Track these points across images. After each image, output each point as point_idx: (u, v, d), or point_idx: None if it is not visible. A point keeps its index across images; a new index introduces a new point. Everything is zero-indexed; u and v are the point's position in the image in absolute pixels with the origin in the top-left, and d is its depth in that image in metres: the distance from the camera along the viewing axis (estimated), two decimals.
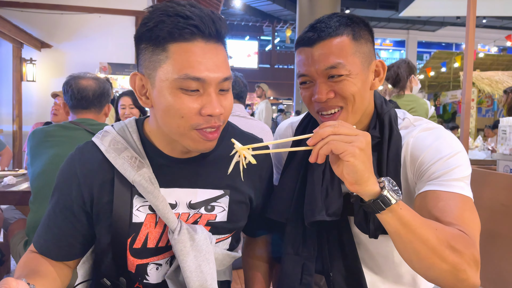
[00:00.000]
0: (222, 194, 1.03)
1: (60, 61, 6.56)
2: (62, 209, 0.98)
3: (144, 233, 0.98)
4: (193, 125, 0.87)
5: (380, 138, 1.03)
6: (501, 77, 9.04)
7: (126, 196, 0.96)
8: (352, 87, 0.98)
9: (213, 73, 0.85)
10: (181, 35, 0.83)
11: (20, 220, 2.43)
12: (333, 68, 0.96)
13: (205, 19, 0.84)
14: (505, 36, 10.53)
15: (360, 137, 0.78)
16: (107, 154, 0.96)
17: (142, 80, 0.91)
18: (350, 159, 0.76)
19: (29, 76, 6.20)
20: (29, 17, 6.35)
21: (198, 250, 0.95)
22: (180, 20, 0.82)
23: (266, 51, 24.51)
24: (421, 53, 24.39)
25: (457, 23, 20.60)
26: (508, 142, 2.57)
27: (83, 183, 0.96)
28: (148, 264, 1.01)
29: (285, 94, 22.28)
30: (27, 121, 6.34)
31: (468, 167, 0.96)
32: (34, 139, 1.84)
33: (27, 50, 6.24)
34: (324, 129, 0.78)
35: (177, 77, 0.83)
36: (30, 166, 1.84)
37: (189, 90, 0.84)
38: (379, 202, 0.80)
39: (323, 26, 0.98)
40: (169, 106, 0.86)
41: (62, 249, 1.00)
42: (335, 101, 0.99)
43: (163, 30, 0.83)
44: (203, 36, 0.84)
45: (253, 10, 21.92)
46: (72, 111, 1.98)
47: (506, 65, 11.78)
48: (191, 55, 0.83)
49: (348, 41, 0.98)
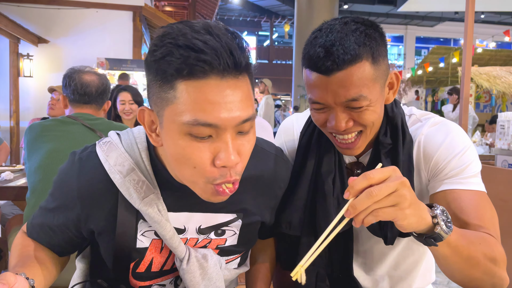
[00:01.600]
0: (235, 218, 0.95)
1: (57, 56, 6.53)
2: (58, 216, 0.92)
3: (149, 258, 0.92)
4: (208, 179, 0.75)
5: (392, 143, 0.98)
6: (499, 72, 9.04)
7: (131, 221, 0.87)
8: (373, 115, 0.92)
9: (229, 115, 0.70)
10: (190, 73, 0.68)
11: (17, 216, 2.42)
12: (354, 101, 0.88)
13: (220, 51, 0.68)
14: (503, 32, 10.52)
15: (401, 190, 0.69)
16: (111, 175, 0.85)
17: (151, 116, 0.79)
18: (403, 222, 0.72)
19: (26, 72, 6.18)
20: (26, 12, 6.32)
21: (208, 279, 0.91)
22: (191, 54, 0.68)
23: (264, 46, 24.48)
24: (419, 49, 24.38)
25: (455, 18, 20.57)
26: (506, 137, 2.57)
27: (81, 203, 0.88)
28: (151, 286, 0.97)
29: (283, 89, 22.26)
30: (24, 116, 6.32)
31: (479, 161, 0.97)
32: (31, 133, 1.83)
33: (24, 45, 6.22)
34: (360, 202, 0.69)
35: (186, 121, 0.70)
36: (27, 161, 1.83)
37: (200, 137, 0.71)
38: (432, 240, 0.77)
39: (341, 52, 0.85)
40: (178, 153, 0.74)
41: (55, 247, 0.97)
42: (354, 128, 0.93)
43: (171, 64, 0.69)
44: (218, 72, 0.69)
45: (251, 5, 21.85)
46: (72, 105, 1.97)
47: (504, 60, 11.78)
48: (202, 95, 0.69)
49: (368, 67, 0.87)
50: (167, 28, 0.72)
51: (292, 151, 1.14)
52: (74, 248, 1.01)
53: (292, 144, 1.16)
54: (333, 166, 1.03)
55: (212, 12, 13.30)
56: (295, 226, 1.03)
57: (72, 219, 0.90)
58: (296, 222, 1.03)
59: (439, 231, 0.76)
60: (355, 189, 0.70)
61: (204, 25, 0.71)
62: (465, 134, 0.99)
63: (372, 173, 0.70)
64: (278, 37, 26.59)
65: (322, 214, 0.99)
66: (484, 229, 0.88)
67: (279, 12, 22.75)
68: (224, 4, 20.66)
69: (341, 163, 1.04)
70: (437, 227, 0.76)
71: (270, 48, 23.65)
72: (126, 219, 0.87)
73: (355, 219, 0.71)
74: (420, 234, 0.78)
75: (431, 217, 0.76)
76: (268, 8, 22.26)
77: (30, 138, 1.83)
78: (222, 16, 23.26)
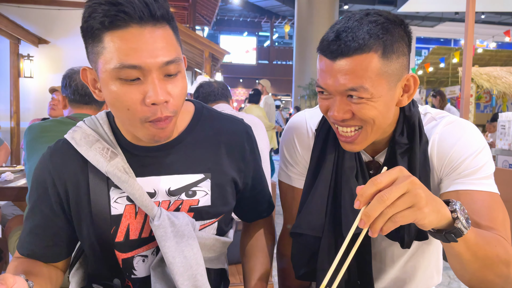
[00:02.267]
0: (203, 178, 0.99)
1: (57, 57, 6.53)
2: (42, 209, 0.96)
3: (125, 225, 0.95)
4: (141, 119, 0.83)
5: (409, 143, 0.96)
6: (500, 72, 9.04)
7: (103, 189, 0.93)
8: (372, 111, 0.88)
9: (151, 59, 0.79)
10: (112, 23, 0.78)
11: (18, 216, 2.42)
12: (353, 90, 0.86)
13: (136, 3, 0.78)
14: (504, 32, 10.52)
15: (413, 190, 0.68)
16: (78, 148, 0.92)
17: (92, 74, 0.89)
18: (425, 222, 0.70)
19: (27, 72, 6.18)
20: (26, 13, 6.32)
21: (179, 236, 0.92)
22: (111, 8, 0.77)
23: (264, 47, 24.48)
24: (420, 49, 24.38)
25: (456, 18, 20.57)
26: (507, 137, 2.57)
27: (57, 179, 0.94)
28: (133, 257, 0.98)
29: (283, 90, 22.27)
30: (25, 117, 6.32)
31: (493, 162, 0.96)
32: (30, 134, 1.83)
33: (24, 46, 6.21)
34: (372, 208, 0.67)
35: (114, 67, 0.79)
36: (26, 161, 1.83)
37: (129, 80, 0.80)
38: (452, 236, 0.75)
39: (350, 38, 0.84)
40: (113, 98, 0.83)
41: (48, 250, 0.97)
42: (352, 121, 0.91)
43: (95, 19, 0.79)
44: (137, 22, 0.79)
45: (251, 6, 21.86)
46: (71, 106, 1.96)
47: (504, 60, 11.78)
48: (125, 42, 0.78)
49: (376, 60, 0.84)
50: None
51: (305, 146, 1.11)
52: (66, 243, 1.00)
53: (305, 140, 1.12)
54: (355, 162, 1.00)
55: (213, 13, 13.31)
56: (316, 226, 1.00)
57: (52, 195, 0.95)
58: (317, 222, 1.00)
59: (460, 226, 0.74)
60: (365, 196, 0.68)
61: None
62: (480, 134, 0.98)
63: (378, 178, 0.68)
64: (278, 37, 26.61)
65: (349, 213, 0.96)
66: (495, 231, 0.87)
67: (279, 13, 22.76)
68: (224, 5, 20.67)
69: (361, 161, 1.01)
70: (457, 221, 0.74)
71: (270, 48, 23.65)
72: (97, 187, 0.93)
73: (371, 229, 0.68)
74: (439, 230, 0.76)
75: (450, 212, 0.75)
76: (268, 8, 22.27)
77: (30, 139, 1.82)
78: (222, 17, 23.27)
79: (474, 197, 0.91)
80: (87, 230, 0.94)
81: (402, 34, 0.88)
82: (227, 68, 20.23)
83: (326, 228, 1.00)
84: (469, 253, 0.79)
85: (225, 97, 2.45)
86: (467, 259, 0.81)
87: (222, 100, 2.42)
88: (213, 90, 2.41)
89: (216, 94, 2.41)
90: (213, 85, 2.45)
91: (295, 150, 1.13)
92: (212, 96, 2.40)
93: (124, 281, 1.01)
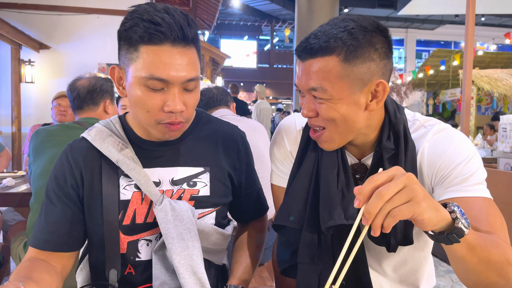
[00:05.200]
0: (203, 171, 1.12)
1: (58, 62, 6.55)
2: (59, 195, 1.06)
3: (132, 209, 1.06)
4: (157, 120, 0.97)
5: (395, 149, 0.97)
6: (500, 74, 9.04)
7: (113, 176, 1.05)
8: (331, 112, 0.92)
9: (176, 74, 0.93)
10: (150, 40, 0.91)
11: (20, 222, 2.42)
12: (314, 90, 0.92)
13: (173, 26, 0.91)
14: (504, 34, 10.52)
15: (410, 185, 0.70)
16: (93, 142, 1.06)
17: (120, 73, 1.02)
18: (424, 217, 0.70)
19: (28, 78, 6.19)
20: (27, 18, 6.34)
21: (179, 219, 1.02)
22: (151, 26, 0.91)
23: (265, 50, 24.52)
24: (420, 52, 24.40)
25: (456, 21, 20.59)
26: (508, 140, 2.56)
27: (75, 167, 1.06)
28: (138, 240, 1.07)
29: (284, 93, 22.30)
30: (26, 122, 6.33)
31: (484, 169, 0.97)
32: (37, 138, 1.84)
33: (25, 51, 6.23)
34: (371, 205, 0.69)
35: (144, 75, 0.92)
36: (32, 164, 1.83)
37: (155, 89, 0.94)
38: (454, 236, 0.75)
39: (316, 41, 0.90)
40: (137, 99, 0.96)
41: (61, 237, 1.04)
42: (316, 121, 0.96)
43: (136, 32, 0.92)
44: (170, 41, 0.92)
45: (251, 10, 21.92)
46: (74, 113, 2.03)
47: (505, 63, 11.79)
48: (157, 57, 0.92)
49: (335, 64, 0.89)
50: (136, 7, 0.95)
51: (293, 143, 1.14)
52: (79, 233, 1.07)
53: (293, 137, 1.15)
54: (336, 159, 1.02)
55: (213, 17, 13.35)
56: (296, 219, 1.02)
57: (69, 181, 1.06)
58: (297, 215, 1.02)
59: (460, 226, 0.74)
60: (363, 194, 0.70)
61: (164, 7, 0.94)
62: (470, 142, 0.98)
63: (376, 176, 0.71)
64: (278, 41, 26.65)
65: (326, 206, 0.97)
66: (495, 234, 0.88)
67: (280, 17, 22.81)
68: (224, 9, 20.73)
69: (344, 159, 1.03)
70: (457, 221, 0.75)
71: (270, 52, 23.68)
72: (109, 175, 1.05)
73: (372, 226, 0.70)
74: (441, 233, 0.76)
75: (449, 213, 0.76)
76: (268, 12, 22.32)
77: (36, 143, 1.83)
78: (223, 21, 23.33)
79: (470, 203, 0.91)
80: (97, 215, 1.05)
81: (373, 41, 0.90)
82: (227, 72, 20.27)
83: (306, 221, 1.01)
84: (471, 255, 0.80)
85: (225, 102, 2.46)
86: (470, 261, 0.81)
87: (222, 105, 2.43)
88: (212, 96, 2.42)
89: (215, 100, 2.42)
90: (212, 91, 2.47)
91: (284, 148, 1.15)
92: (211, 102, 2.41)
93: (125, 269, 1.07)
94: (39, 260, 1.02)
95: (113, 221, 1.04)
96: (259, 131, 2.36)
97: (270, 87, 21.88)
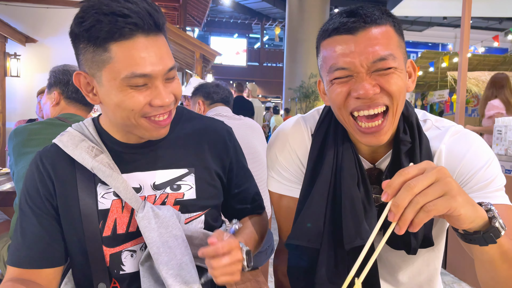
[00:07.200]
0: (187, 172, 1.04)
1: (45, 56, 6.41)
2: (32, 208, 0.97)
3: (112, 219, 0.98)
4: (141, 114, 0.89)
5: (411, 143, 0.93)
6: (487, 77, 9.14)
7: (90, 185, 0.97)
8: (400, 82, 0.85)
9: (157, 66, 0.86)
10: (121, 35, 0.82)
11: (4, 222, 2.33)
12: (383, 60, 0.83)
13: (142, 14, 0.83)
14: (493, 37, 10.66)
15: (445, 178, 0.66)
16: (65, 149, 0.97)
17: (87, 78, 0.92)
18: (461, 211, 0.66)
19: (13, 71, 6.06)
20: (13, 11, 6.19)
21: (164, 227, 0.94)
22: (118, 19, 0.81)
23: (255, 49, 24.46)
24: (408, 53, 24.46)
25: (444, 23, 20.83)
26: (503, 142, 2.56)
27: (47, 176, 0.98)
28: (121, 252, 0.99)
29: (273, 92, 22.28)
30: (10, 117, 6.19)
31: (503, 174, 0.93)
32: (17, 138, 1.74)
33: (11, 44, 6.09)
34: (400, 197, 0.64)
35: (124, 76, 0.84)
36: (14, 166, 1.74)
37: (138, 86, 0.86)
38: (491, 236, 0.71)
39: (366, 11, 0.84)
40: (119, 102, 0.88)
41: (41, 252, 0.96)
42: (381, 98, 0.85)
43: (102, 30, 0.81)
44: (142, 32, 0.84)
45: (242, 8, 21.84)
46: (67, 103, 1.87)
47: (492, 65, 11.93)
48: (134, 52, 0.84)
49: (393, 32, 0.86)
50: (88, 2, 0.84)
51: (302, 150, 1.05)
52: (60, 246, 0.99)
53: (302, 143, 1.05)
54: (355, 169, 0.94)
55: (203, 14, 13.25)
56: (314, 238, 0.94)
57: (42, 193, 0.97)
58: (315, 232, 0.94)
59: (497, 225, 0.71)
60: (392, 187, 0.66)
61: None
62: (487, 145, 0.95)
63: (406, 169, 0.67)
64: (268, 39, 26.63)
65: (351, 224, 0.90)
66: None
67: (270, 15, 22.78)
68: (215, 6, 20.61)
69: (362, 167, 0.96)
70: (494, 220, 0.71)
71: (260, 50, 23.63)
72: (84, 184, 0.96)
73: (399, 223, 0.65)
74: (476, 232, 0.72)
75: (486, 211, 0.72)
76: (259, 10, 22.27)
77: (17, 143, 1.73)
78: (213, 18, 23.20)
79: None
80: (76, 227, 0.96)
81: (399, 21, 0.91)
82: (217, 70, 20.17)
83: (325, 239, 0.94)
84: (502, 259, 0.76)
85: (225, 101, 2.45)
86: (499, 266, 0.77)
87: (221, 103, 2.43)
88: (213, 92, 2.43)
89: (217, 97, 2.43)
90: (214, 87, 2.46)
91: (291, 154, 1.06)
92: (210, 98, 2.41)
93: (110, 283, 0.99)
94: (21, 281, 0.93)
95: (95, 233, 0.95)
96: (256, 129, 2.33)
97: (259, 86, 21.83)
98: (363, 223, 0.89)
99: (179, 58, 10.11)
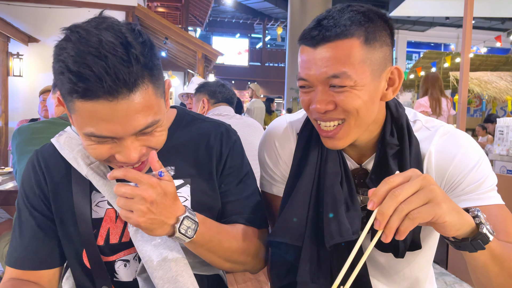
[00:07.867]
0: (182, 183, 0.97)
1: (47, 56, 6.32)
2: (30, 209, 0.96)
3: (105, 229, 0.95)
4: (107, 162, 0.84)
5: (399, 145, 0.92)
6: (490, 77, 9.14)
7: (84, 192, 0.94)
8: (356, 101, 0.83)
9: (124, 129, 0.76)
10: (82, 96, 0.72)
11: (7, 221, 2.35)
12: (336, 78, 0.81)
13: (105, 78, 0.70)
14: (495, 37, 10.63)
15: (429, 186, 0.66)
16: (61, 151, 0.95)
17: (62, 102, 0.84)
18: (446, 219, 0.66)
19: (16, 71, 6.07)
20: (16, 11, 6.21)
21: (158, 237, 0.89)
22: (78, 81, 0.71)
23: (256, 49, 24.44)
24: (410, 53, 24.58)
25: (446, 23, 20.79)
26: (505, 143, 2.56)
27: (42, 179, 0.96)
28: (115, 261, 0.97)
29: (275, 92, 22.26)
30: (13, 117, 6.20)
31: (494, 173, 0.93)
32: (21, 136, 1.76)
33: (14, 44, 6.10)
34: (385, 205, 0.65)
35: (84, 132, 0.77)
36: (16, 164, 1.75)
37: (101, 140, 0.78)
38: (479, 242, 0.71)
39: (331, 24, 0.82)
40: (85, 146, 0.81)
41: (39, 254, 0.95)
42: (335, 113, 0.86)
43: (64, 84, 0.73)
44: (106, 95, 0.72)
45: (244, 8, 21.84)
46: None
47: (494, 65, 11.90)
48: (95, 114, 0.73)
49: (358, 46, 0.81)
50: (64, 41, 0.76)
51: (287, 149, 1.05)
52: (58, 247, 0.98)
53: (287, 142, 1.06)
54: (339, 167, 0.95)
55: (205, 14, 13.26)
56: (296, 236, 0.93)
57: (39, 194, 0.96)
58: (297, 230, 0.93)
59: (485, 231, 0.71)
60: (378, 195, 0.67)
61: (98, 42, 0.71)
62: (477, 144, 0.95)
63: (392, 177, 0.68)
64: (270, 39, 26.61)
65: (333, 222, 0.89)
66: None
67: (272, 15, 22.77)
68: (217, 6, 20.61)
69: (346, 165, 0.96)
70: (482, 226, 0.71)
71: (262, 50, 23.61)
72: (79, 190, 0.93)
73: (385, 230, 0.66)
74: (464, 239, 0.73)
75: (472, 218, 0.72)
76: (261, 10, 22.26)
77: (20, 141, 1.75)
78: (215, 18, 23.20)
79: (485, 213, 0.86)
80: (72, 232, 0.94)
81: (384, 26, 0.86)
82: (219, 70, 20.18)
83: (307, 237, 0.92)
84: (494, 263, 0.76)
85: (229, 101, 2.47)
86: (492, 270, 0.77)
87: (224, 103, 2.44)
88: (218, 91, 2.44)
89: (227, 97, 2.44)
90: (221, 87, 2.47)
91: (276, 154, 1.07)
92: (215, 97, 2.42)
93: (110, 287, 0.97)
94: (20, 282, 0.93)
95: (91, 239, 0.93)
96: (256, 129, 2.35)
97: (261, 86, 21.81)
98: (344, 221, 0.88)
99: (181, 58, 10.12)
